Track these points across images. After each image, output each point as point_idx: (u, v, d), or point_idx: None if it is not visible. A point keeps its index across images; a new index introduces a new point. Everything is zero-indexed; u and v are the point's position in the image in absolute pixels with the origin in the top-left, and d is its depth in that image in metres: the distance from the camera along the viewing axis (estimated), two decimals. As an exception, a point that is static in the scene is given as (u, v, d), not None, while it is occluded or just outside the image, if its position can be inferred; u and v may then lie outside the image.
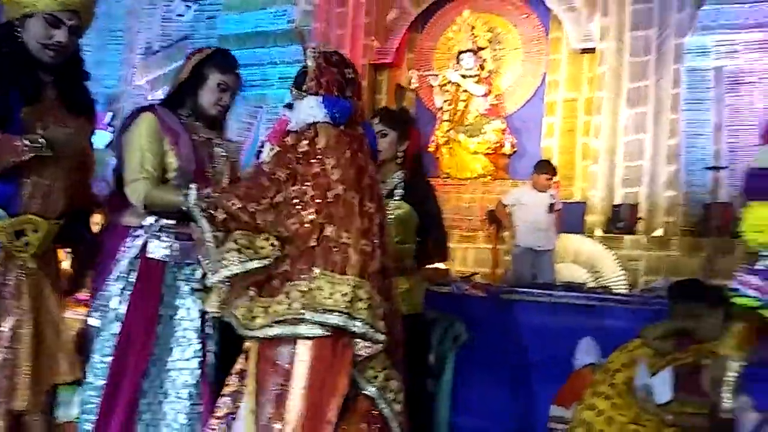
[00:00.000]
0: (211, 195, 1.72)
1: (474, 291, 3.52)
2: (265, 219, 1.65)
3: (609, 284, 5.24)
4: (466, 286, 3.63)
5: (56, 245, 1.88)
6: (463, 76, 6.73)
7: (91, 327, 1.85)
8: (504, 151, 6.63)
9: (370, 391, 1.62)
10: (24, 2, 1.72)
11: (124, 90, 7.77)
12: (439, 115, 6.85)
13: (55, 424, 1.86)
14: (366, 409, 1.62)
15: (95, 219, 2.09)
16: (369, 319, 1.57)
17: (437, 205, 2.38)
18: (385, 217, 1.77)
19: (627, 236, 5.64)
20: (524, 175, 6.49)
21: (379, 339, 1.59)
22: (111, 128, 6.18)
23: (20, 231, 1.73)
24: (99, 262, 1.91)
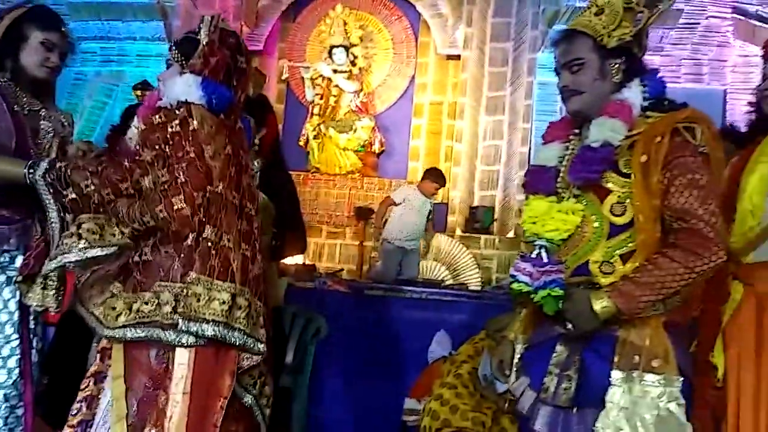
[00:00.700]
0: (62, 169, 1.50)
1: (337, 287, 3.53)
2: (120, 207, 1.48)
3: (465, 281, 5.55)
4: (329, 282, 3.63)
5: None
6: (335, 71, 6.72)
7: None
8: (373, 149, 6.73)
9: (247, 399, 1.56)
10: None
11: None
12: (309, 109, 6.78)
13: None
14: (241, 414, 1.54)
15: None
16: (248, 329, 1.49)
17: (295, 196, 2.33)
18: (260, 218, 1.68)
19: (483, 236, 5.99)
20: (392, 174, 6.67)
21: (259, 350, 1.52)
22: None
23: None
24: None
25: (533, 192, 1.53)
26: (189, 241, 1.48)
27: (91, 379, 1.51)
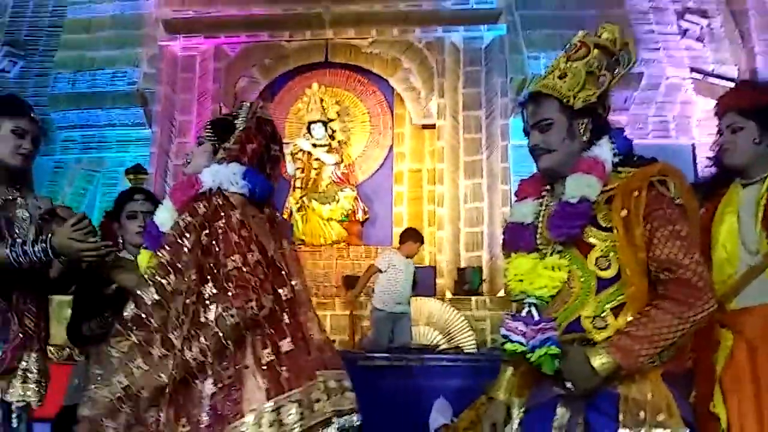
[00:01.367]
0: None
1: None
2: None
3: (460, 344, 5.48)
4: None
5: None
6: (315, 145, 6.88)
7: None
8: (357, 218, 6.80)
9: None
10: None
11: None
12: (291, 183, 6.87)
13: None
14: None
15: None
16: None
17: None
18: None
19: (473, 297, 5.97)
20: (377, 241, 6.71)
21: None
22: None
23: None
24: None
25: (514, 249, 1.53)
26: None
27: None
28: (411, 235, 5.18)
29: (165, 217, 1.54)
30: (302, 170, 6.86)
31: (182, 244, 1.42)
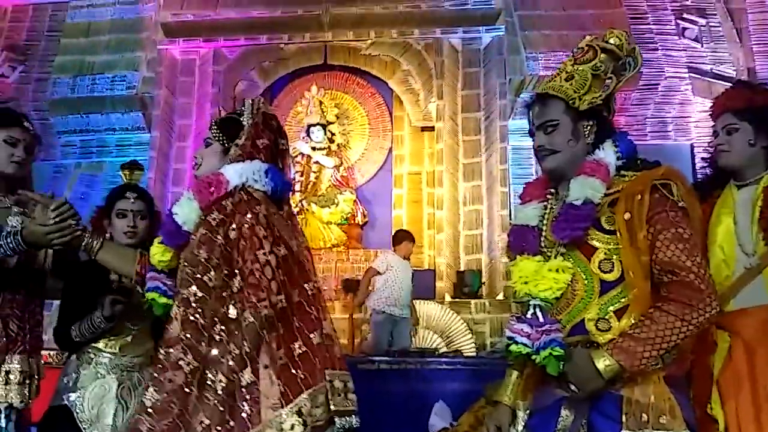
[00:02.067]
0: None
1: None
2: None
3: (460, 347, 5.47)
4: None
5: None
6: (314, 149, 6.88)
7: None
8: (357, 221, 6.79)
9: None
10: None
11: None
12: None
13: None
14: None
15: None
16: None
17: None
18: None
19: (473, 300, 5.96)
20: (377, 244, 6.70)
21: None
22: None
23: None
24: None
25: (519, 252, 1.53)
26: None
27: None
28: (404, 237, 5.23)
29: (188, 216, 1.54)
30: (301, 173, 6.86)
31: (216, 242, 1.46)
